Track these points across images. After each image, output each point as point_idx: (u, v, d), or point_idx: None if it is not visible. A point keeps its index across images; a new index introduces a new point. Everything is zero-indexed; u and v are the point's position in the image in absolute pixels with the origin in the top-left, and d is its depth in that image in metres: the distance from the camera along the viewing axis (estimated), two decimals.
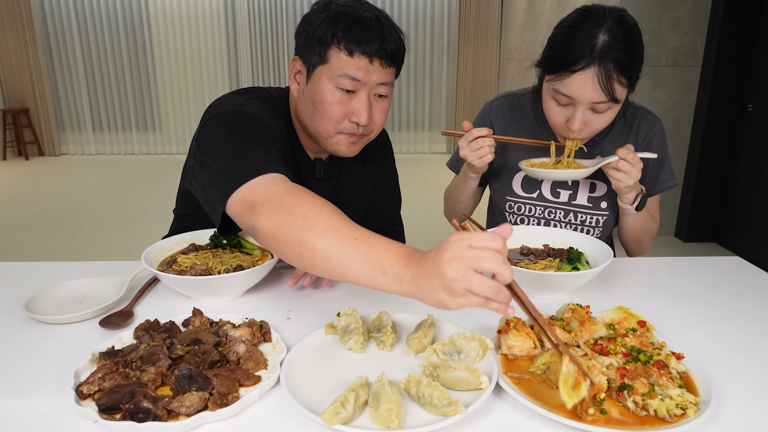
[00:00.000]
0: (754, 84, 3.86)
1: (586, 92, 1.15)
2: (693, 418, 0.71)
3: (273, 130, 1.12)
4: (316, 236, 0.84)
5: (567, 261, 1.16)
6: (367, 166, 1.42)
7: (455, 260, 0.70)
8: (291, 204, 0.90)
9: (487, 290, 0.70)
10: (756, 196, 3.86)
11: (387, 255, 0.78)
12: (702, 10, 3.98)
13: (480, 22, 7.31)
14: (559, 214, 1.44)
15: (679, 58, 4.06)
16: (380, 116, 1.19)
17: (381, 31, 1.11)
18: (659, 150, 1.42)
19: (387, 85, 1.16)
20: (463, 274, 0.69)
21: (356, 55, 1.10)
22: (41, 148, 7.49)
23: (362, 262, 0.80)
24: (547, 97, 1.25)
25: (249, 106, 1.14)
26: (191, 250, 1.18)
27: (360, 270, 0.80)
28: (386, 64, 1.13)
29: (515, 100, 1.48)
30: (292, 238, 0.87)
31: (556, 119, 1.25)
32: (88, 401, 0.74)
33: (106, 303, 1.01)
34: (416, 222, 4.73)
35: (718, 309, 1.08)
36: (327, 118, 1.15)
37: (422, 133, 8.00)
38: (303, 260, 0.87)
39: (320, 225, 0.85)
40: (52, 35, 7.24)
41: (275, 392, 0.79)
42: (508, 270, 0.70)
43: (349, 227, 0.85)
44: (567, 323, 0.90)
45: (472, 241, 0.70)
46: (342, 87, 1.12)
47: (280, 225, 0.89)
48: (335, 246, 0.83)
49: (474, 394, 0.76)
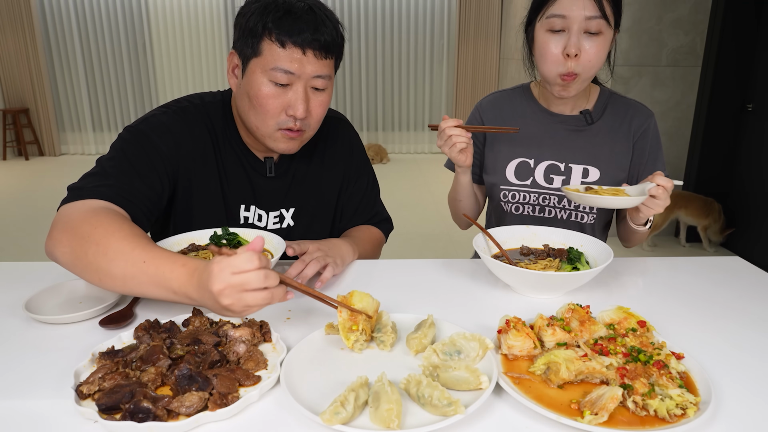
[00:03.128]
0: (754, 84, 3.86)
1: (578, 7, 1.23)
2: (693, 418, 0.71)
3: (157, 149, 1.15)
4: (109, 262, 0.90)
5: (567, 261, 1.16)
6: (327, 166, 1.40)
7: (225, 290, 0.78)
8: (86, 231, 0.94)
9: (262, 300, 0.79)
10: (756, 196, 3.86)
11: (172, 277, 0.85)
12: (702, 10, 3.98)
13: (480, 22, 7.31)
14: (553, 200, 1.46)
15: (679, 58, 4.06)
16: (318, 110, 1.17)
17: (314, 21, 1.08)
18: (653, 143, 1.45)
19: (324, 78, 1.14)
20: (237, 299, 0.78)
21: (288, 47, 1.08)
22: (41, 148, 7.49)
23: (154, 284, 0.87)
24: (541, 36, 1.29)
25: (152, 122, 1.18)
26: (191, 250, 1.18)
27: (155, 291, 0.88)
28: (321, 56, 1.11)
29: (504, 95, 1.53)
30: (89, 265, 0.92)
31: (552, 54, 1.28)
32: (88, 401, 0.74)
33: (106, 303, 1.01)
34: (416, 222, 4.73)
35: (718, 309, 1.08)
36: (263, 113, 1.14)
37: (422, 133, 8.00)
38: (106, 284, 0.92)
39: (111, 251, 0.90)
40: (52, 35, 7.24)
41: (275, 392, 0.79)
42: (273, 280, 0.80)
43: (138, 251, 0.90)
44: (567, 323, 0.90)
45: (232, 268, 0.77)
46: (276, 81, 1.10)
47: (77, 253, 0.94)
48: (128, 271, 0.89)
49: (474, 394, 0.76)
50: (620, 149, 1.43)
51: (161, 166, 1.16)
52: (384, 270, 1.26)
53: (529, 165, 1.46)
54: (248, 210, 1.31)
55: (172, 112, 1.22)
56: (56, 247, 0.96)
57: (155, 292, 0.88)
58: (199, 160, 1.23)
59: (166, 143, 1.17)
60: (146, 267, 0.87)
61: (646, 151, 1.44)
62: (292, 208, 1.36)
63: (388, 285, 1.18)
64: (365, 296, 0.94)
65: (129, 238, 0.92)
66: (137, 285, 0.89)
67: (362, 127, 7.87)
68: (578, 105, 1.45)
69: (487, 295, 1.13)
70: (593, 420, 0.70)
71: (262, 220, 1.33)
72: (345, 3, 7.35)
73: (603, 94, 1.47)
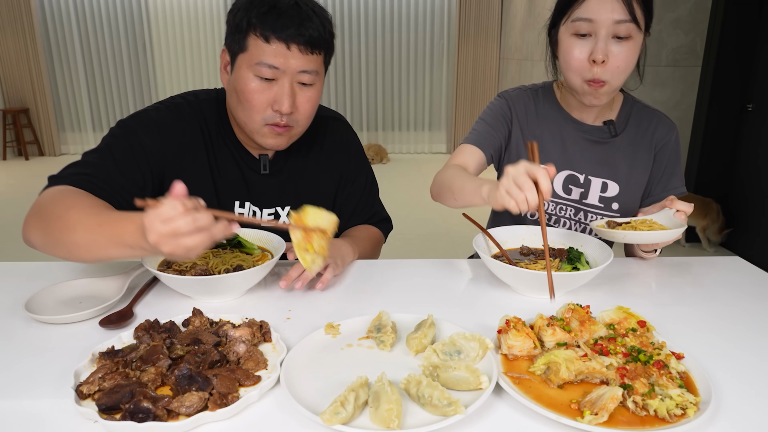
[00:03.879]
0: (754, 84, 3.86)
1: (606, 9, 1.15)
2: (693, 418, 0.71)
3: (143, 145, 1.17)
4: (71, 233, 0.95)
5: (567, 261, 1.16)
6: (324, 165, 1.40)
7: (160, 240, 0.80)
8: (50, 210, 1.00)
9: (200, 242, 0.81)
10: (756, 196, 3.86)
11: (124, 234, 0.89)
12: (702, 10, 3.97)
13: (480, 22, 7.31)
14: (569, 212, 1.42)
15: (679, 58, 4.06)
16: (306, 106, 1.17)
17: (299, 16, 1.09)
18: (672, 157, 1.41)
19: (310, 73, 1.14)
20: (174, 245, 0.81)
21: (273, 41, 1.08)
22: (41, 148, 7.49)
23: (113, 244, 0.91)
24: (566, 39, 1.22)
25: (142, 118, 1.21)
26: None
27: (116, 251, 0.92)
28: (306, 51, 1.11)
29: (530, 94, 1.45)
30: (57, 241, 0.97)
31: (577, 59, 1.21)
32: (88, 401, 0.74)
33: (106, 303, 1.01)
34: (416, 222, 4.73)
35: (719, 309, 1.08)
36: (249, 108, 1.15)
37: (422, 133, 8.00)
38: (75, 255, 0.97)
39: (72, 222, 0.95)
40: (52, 35, 7.24)
41: (275, 392, 0.79)
42: (205, 221, 0.82)
43: (94, 217, 0.95)
44: (567, 323, 0.90)
45: (160, 217, 0.80)
46: (261, 75, 1.11)
47: (45, 232, 0.99)
48: (88, 236, 0.93)
49: (474, 394, 0.76)
50: (641, 164, 1.40)
51: (145, 161, 1.17)
52: (384, 270, 1.26)
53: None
54: (242, 207, 1.32)
55: (164, 108, 1.24)
56: (29, 232, 1.02)
57: (117, 252, 0.92)
58: (188, 156, 1.24)
59: (152, 139, 1.19)
60: (103, 230, 0.92)
61: (664, 164, 1.40)
62: (288, 206, 1.36)
63: (388, 285, 1.18)
64: (319, 212, 0.95)
65: (87, 209, 0.98)
66: (100, 249, 0.93)
67: (362, 127, 7.87)
68: (602, 113, 1.40)
69: (487, 295, 1.13)
70: (593, 420, 0.70)
71: (257, 217, 1.34)
72: (345, 3, 7.35)
73: (627, 102, 1.42)
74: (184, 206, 0.80)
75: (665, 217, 1.20)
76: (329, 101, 7.75)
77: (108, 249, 0.92)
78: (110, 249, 0.92)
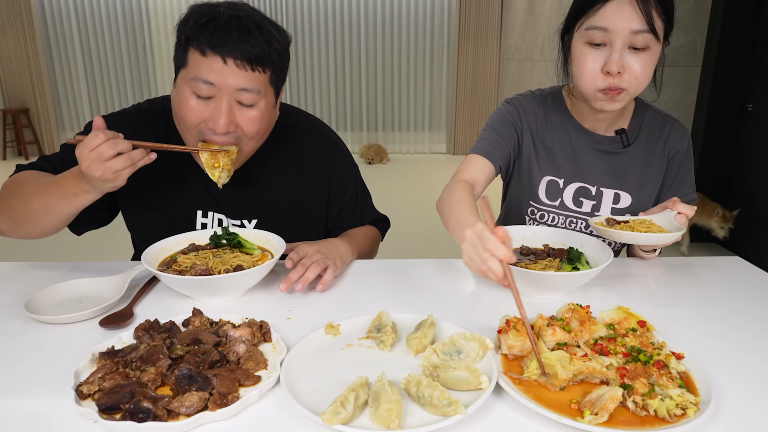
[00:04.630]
0: (754, 84, 3.86)
1: (623, 19, 1.09)
2: (693, 418, 0.71)
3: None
4: (29, 203, 1.06)
5: (567, 261, 1.16)
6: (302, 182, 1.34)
7: (90, 166, 0.96)
8: (8, 190, 1.13)
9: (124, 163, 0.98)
10: (756, 196, 3.86)
11: (67, 184, 1.03)
12: (702, 10, 3.97)
13: (480, 22, 7.31)
14: (580, 224, 1.39)
15: (679, 58, 4.06)
16: (249, 126, 1.09)
17: (238, 29, 1.02)
18: (684, 164, 1.38)
19: (251, 92, 1.06)
20: (102, 169, 0.96)
21: (208, 55, 1.03)
22: (41, 148, 7.49)
23: (64, 199, 1.04)
24: (579, 48, 1.17)
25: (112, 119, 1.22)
26: (191, 250, 1.18)
27: (68, 205, 1.05)
28: (246, 67, 1.04)
29: (539, 101, 1.39)
30: (21, 216, 1.09)
31: (589, 71, 1.15)
32: (88, 401, 0.74)
33: (106, 303, 1.01)
34: (416, 222, 4.73)
35: (718, 309, 1.08)
36: (183, 125, 1.11)
37: (422, 133, 8.01)
38: (39, 224, 1.08)
39: (27, 193, 1.07)
40: (52, 35, 7.24)
41: (275, 392, 0.79)
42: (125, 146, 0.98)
43: (40, 181, 1.08)
44: (567, 323, 0.90)
45: (86, 147, 0.96)
46: (198, 93, 1.05)
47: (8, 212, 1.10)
48: (43, 201, 1.05)
49: (474, 394, 0.76)
50: (654, 172, 1.37)
51: None
52: (384, 270, 1.26)
53: (558, 185, 1.38)
54: (206, 216, 1.30)
55: (127, 114, 1.25)
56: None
57: (70, 206, 1.05)
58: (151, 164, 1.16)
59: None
60: (50, 189, 1.04)
61: (675, 171, 1.37)
62: (255, 219, 1.33)
63: (388, 285, 1.18)
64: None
65: (38, 179, 1.10)
66: (53, 208, 1.05)
67: (362, 127, 7.88)
68: (614, 122, 1.35)
69: (487, 295, 1.13)
70: (593, 420, 0.70)
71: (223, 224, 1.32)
72: (345, 3, 7.35)
73: (639, 109, 1.37)
74: (105, 135, 0.96)
75: (665, 219, 1.20)
76: (329, 102, 7.76)
77: (60, 204, 1.04)
78: (64, 205, 1.04)
